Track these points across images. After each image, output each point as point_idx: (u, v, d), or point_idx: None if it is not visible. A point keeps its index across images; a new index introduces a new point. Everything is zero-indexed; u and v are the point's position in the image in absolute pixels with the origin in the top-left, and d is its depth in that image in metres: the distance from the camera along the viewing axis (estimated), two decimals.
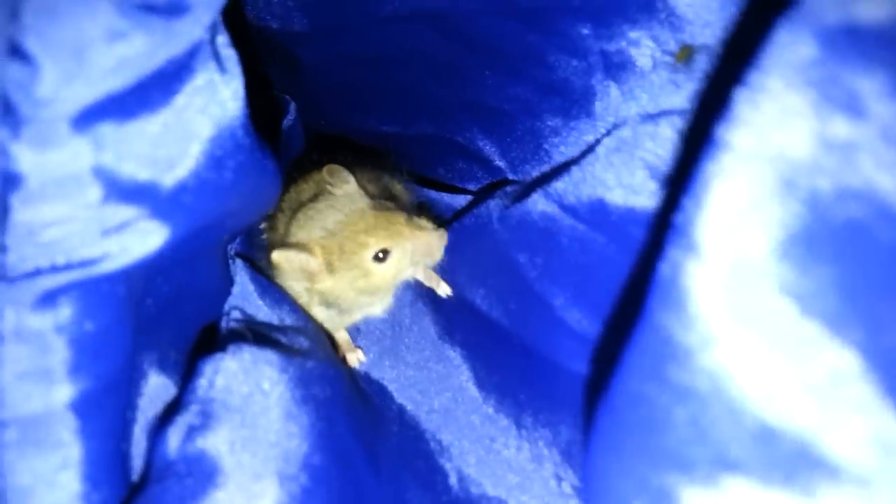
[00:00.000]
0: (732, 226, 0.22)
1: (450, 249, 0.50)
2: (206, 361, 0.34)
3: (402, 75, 0.56)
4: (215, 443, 0.30)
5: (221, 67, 0.29)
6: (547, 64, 0.45)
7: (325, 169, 0.46)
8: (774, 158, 0.21)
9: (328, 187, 0.46)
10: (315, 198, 0.46)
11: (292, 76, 0.61)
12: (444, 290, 0.49)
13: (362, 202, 0.45)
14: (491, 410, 0.43)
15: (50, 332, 0.27)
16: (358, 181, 0.47)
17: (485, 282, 0.44)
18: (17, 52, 0.22)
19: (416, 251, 0.44)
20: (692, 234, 0.23)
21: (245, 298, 0.45)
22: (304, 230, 0.45)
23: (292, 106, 0.62)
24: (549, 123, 0.48)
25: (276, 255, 0.43)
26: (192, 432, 0.30)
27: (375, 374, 0.52)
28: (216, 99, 0.28)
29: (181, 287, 0.38)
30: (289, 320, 0.45)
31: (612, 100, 0.43)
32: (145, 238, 0.27)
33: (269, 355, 0.35)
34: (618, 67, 0.41)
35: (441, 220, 0.55)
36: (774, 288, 0.21)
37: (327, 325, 0.50)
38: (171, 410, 0.33)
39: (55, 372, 0.27)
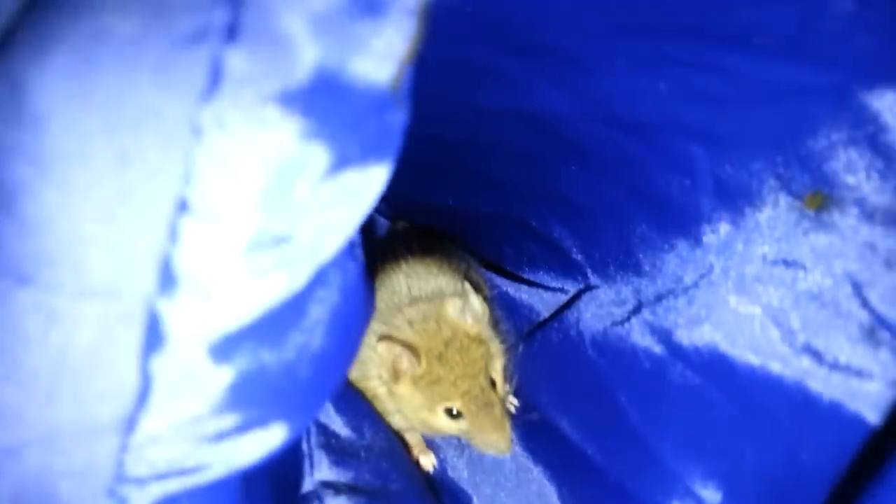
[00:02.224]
0: None
1: (530, 362, 0.48)
2: None
3: (479, 157, 0.54)
4: None
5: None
6: (646, 174, 0.43)
7: (464, 287, 0.46)
8: None
9: (455, 305, 0.45)
10: (434, 299, 0.45)
11: None
12: (429, 462, 0.50)
13: (485, 345, 0.44)
14: None
15: None
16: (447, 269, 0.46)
17: (574, 408, 0.42)
18: (169, 274, 0.20)
19: (479, 438, 0.43)
20: None
21: (324, 413, 0.43)
22: (417, 333, 0.44)
23: None
24: (641, 231, 0.45)
25: (385, 347, 0.42)
26: None
27: (451, 474, 0.50)
28: (337, 284, 0.26)
29: None
30: (368, 435, 0.43)
31: (721, 228, 0.40)
32: (274, 435, 0.25)
33: None
34: (733, 196, 0.39)
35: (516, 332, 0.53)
36: None
37: (401, 424, 0.48)
38: None
39: None
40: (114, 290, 0.21)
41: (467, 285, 0.46)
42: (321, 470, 0.37)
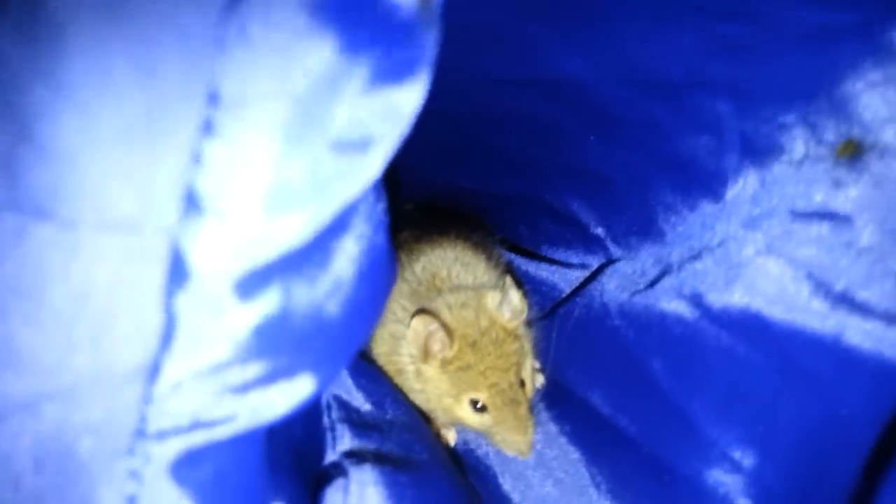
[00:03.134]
0: None
1: (555, 338, 0.47)
2: (331, 493, 0.30)
3: (494, 134, 0.53)
4: None
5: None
6: (669, 136, 0.42)
7: (505, 282, 0.45)
8: None
9: (495, 299, 0.45)
10: (475, 289, 0.45)
11: None
12: (451, 436, 0.49)
13: (519, 342, 0.43)
14: None
15: (192, 491, 0.24)
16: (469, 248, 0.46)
17: (604, 381, 0.41)
18: (193, 202, 0.19)
19: (501, 436, 0.43)
20: None
21: (344, 389, 0.42)
22: (455, 318, 0.43)
23: None
24: (664, 199, 0.44)
25: (419, 320, 0.41)
26: None
27: (476, 450, 0.49)
28: (366, 226, 0.25)
29: None
30: (390, 411, 0.42)
31: (749, 187, 0.39)
32: (301, 387, 0.24)
33: (390, 480, 0.32)
34: (761, 152, 0.37)
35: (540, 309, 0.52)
36: None
37: (424, 404, 0.47)
38: None
39: None
40: (136, 222, 0.20)
41: (509, 280, 0.45)
42: (343, 442, 0.35)
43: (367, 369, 0.44)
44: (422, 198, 0.65)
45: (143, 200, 0.19)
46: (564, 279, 0.52)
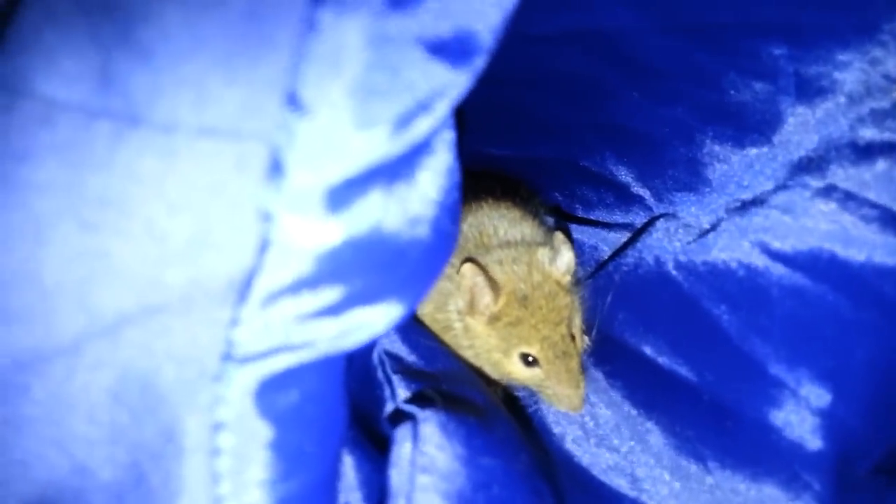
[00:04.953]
0: None
1: (601, 298, 0.46)
2: (399, 436, 0.30)
3: (527, 96, 0.52)
4: None
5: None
6: (717, 86, 0.41)
7: (556, 235, 0.45)
8: None
9: (546, 254, 0.45)
10: (524, 244, 0.45)
11: None
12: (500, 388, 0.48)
13: (570, 297, 0.44)
14: (672, 454, 0.39)
15: (274, 420, 0.24)
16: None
17: (659, 332, 0.40)
18: (294, 103, 0.19)
19: (552, 390, 0.42)
20: None
21: (395, 345, 0.41)
22: (505, 273, 0.43)
23: None
24: (712, 150, 0.44)
25: (469, 268, 0.41)
26: None
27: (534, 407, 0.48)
28: (446, 146, 0.25)
29: None
30: (442, 364, 0.41)
31: (803, 129, 0.39)
32: (386, 312, 0.24)
33: (458, 423, 0.32)
34: (815, 92, 0.37)
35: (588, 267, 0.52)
36: None
37: (473, 361, 0.47)
38: (370, 491, 0.29)
39: (276, 464, 0.24)
40: (235, 125, 0.19)
41: (560, 235, 0.45)
42: (402, 391, 0.35)
43: (415, 327, 0.44)
44: None
45: (244, 102, 0.19)
46: (605, 241, 0.52)
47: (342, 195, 0.21)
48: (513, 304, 0.42)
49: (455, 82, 0.21)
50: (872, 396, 0.32)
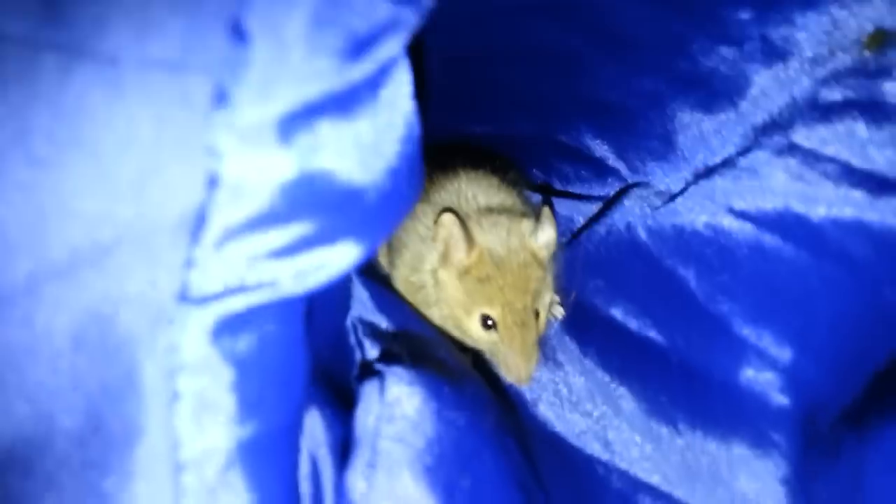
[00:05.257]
0: None
1: (577, 263, 0.47)
2: (366, 389, 0.30)
3: (503, 72, 0.52)
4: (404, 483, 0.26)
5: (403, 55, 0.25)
6: (688, 54, 0.41)
7: (543, 210, 0.45)
8: None
9: (529, 226, 0.45)
10: (506, 212, 0.45)
11: None
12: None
13: (542, 271, 0.44)
14: (644, 418, 0.40)
15: (233, 363, 0.24)
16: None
17: (628, 296, 0.41)
18: (238, 33, 0.19)
19: (504, 357, 0.42)
20: None
21: (367, 311, 0.41)
22: (484, 233, 0.43)
23: None
24: (683, 118, 0.44)
25: (448, 217, 0.42)
26: (371, 472, 0.27)
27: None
28: (402, 92, 0.25)
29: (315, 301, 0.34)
30: (415, 328, 0.41)
31: (767, 91, 0.39)
32: (344, 254, 0.24)
33: (426, 378, 0.32)
34: (780, 55, 0.38)
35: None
36: None
37: (437, 321, 0.47)
38: (339, 447, 0.29)
39: (236, 408, 0.24)
40: (180, 58, 0.19)
41: (547, 209, 0.45)
42: (373, 352, 0.35)
43: (388, 294, 0.44)
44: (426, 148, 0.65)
45: (187, 33, 0.19)
46: (580, 211, 0.52)
47: (290, 126, 0.21)
48: (485, 261, 0.42)
49: (402, 14, 0.21)
50: (836, 352, 0.32)
